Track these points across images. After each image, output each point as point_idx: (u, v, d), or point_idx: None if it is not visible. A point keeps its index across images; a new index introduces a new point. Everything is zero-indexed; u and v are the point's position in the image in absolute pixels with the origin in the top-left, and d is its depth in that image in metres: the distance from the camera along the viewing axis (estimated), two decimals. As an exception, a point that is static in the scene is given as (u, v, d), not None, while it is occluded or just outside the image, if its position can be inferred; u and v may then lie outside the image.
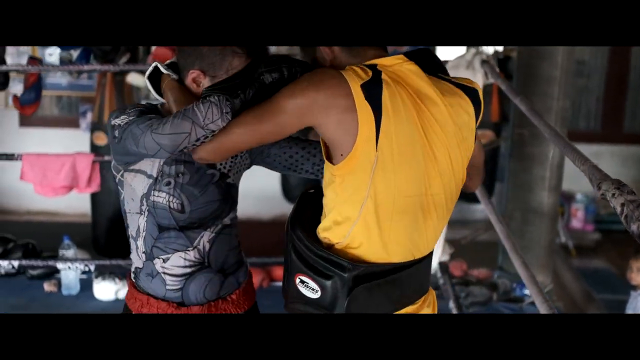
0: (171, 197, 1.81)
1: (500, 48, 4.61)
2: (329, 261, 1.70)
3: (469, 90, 1.80)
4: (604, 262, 6.69)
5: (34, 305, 3.95)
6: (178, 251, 1.84)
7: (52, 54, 4.23)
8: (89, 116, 7.41)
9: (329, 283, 1.70)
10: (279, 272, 4.26)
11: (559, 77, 3.96)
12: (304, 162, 1.95)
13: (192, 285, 1.88)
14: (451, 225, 2.67)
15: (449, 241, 4.14)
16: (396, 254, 1.74)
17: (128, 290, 1.96)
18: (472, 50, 3.75)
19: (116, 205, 5.38)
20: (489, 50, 4.11)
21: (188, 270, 1.87)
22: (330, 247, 1.75)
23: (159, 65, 1.85)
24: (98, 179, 3.83)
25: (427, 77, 1.73)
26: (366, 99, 1.62)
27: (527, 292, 4.07)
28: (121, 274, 4.00)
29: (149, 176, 1.82)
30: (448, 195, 1.77)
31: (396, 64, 1.73)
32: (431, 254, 1.85)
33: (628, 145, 7.18)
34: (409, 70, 1.72)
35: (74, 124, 7.42)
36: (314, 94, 1.64)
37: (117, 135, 1.75)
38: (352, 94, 1.63)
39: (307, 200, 1.88)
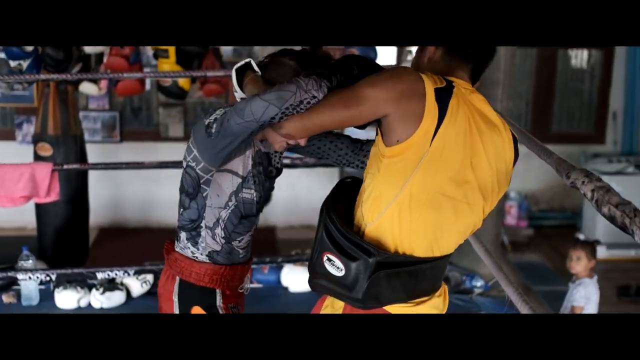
0: (256, 193, 2.18)
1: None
2: (357, 245, 1.85)
3: (513, 137, 2.05)
4: (537, 256, 7.01)
5: (-6, 316, 3.91)
6: (249, 232, 2.27)
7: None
8: (25, 127, 7.34)
9: (353, 264, 1.85)
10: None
11: (502, 80, 4.17)
12: (330, 153, 2.32)
13: (249, 249, 2.33)
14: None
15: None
16: (418, 247, 1.90)
17: (198, 269, 2.21)
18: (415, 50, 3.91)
19: (63, 214, 5.37)
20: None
21: (249, 241, 2.31)
22: (359, 232, 1.89)
23: (252, 62, 2.06)
24: (57, 187, 3.83)
25: (490, 108, 1.96)
26: (436, 101, 1.79)
27: (477, 284, 4.27)
28: (82, 282, 4.01)
29: (239, 176, 2.14)
30: (482, 213, 1.97)
31: (468, 88, 1.92)
32: (450, 255, 1.99)
33: (555, 144, 7.51)
34: (477, 97, 1.92)
35: (9, 135, 7.33)
36: (392, 86, 1.79)
37: (214, 129, 1.98)
38: (426, 93, 1.79)
39: (343, 187, 2.06)
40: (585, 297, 3.99)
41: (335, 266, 1.89)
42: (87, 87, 4.53)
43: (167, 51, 4.37)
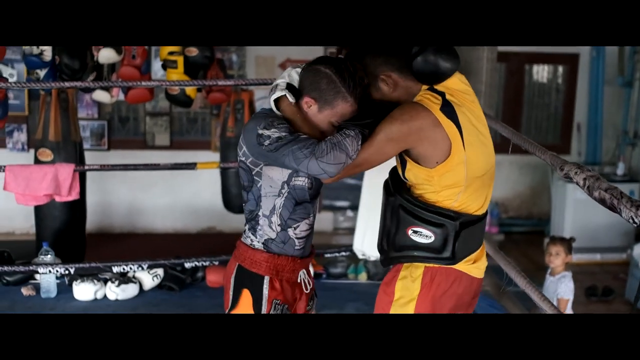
0: (306, 179, 2.37)
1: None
2: (440, 213, 2.34)
3: None
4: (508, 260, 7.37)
5: (17, 307, 4.14)
6: (305, 219, 2.45)
7: (13, 74, 4.47)
8: (16, 135, 7.53)
9: (439, 230, 2.34)
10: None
11: (484, 91, 4.52)
12: None
13: (307, 243, 2.51)
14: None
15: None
16: (479, 209, 2.41)
17: (252, 255, 2.43)
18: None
19: (62, 218, 5.57)
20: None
21: (308, 232, 2.49)
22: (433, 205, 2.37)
23: (287, 94, 2.33)
24: (78, 187, 4.08)
25: (466, 85, 2.43)
26: (448, 118, 2.25)
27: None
28: (98, 275, 4.27)
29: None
30: (494, 170, 2.46)
31: (454, 90, 2.36)
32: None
33: (524, 154, 7.90)
34: (463, 96, 2.38)
35: (0, 143, 7.51)
36: (407, 128, 2.24)
37: (266, 144, 2.22)
38: (438, 118, 2.24)
39: (394, 174, 2.48)
40: (571, 290, 4.25)
41: (423, 235, 2.37)
42: (100, 95, 4.79)
43: (175, 62, 4.66)
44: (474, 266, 2.46)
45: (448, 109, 2.28)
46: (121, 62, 4.56)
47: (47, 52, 4.42)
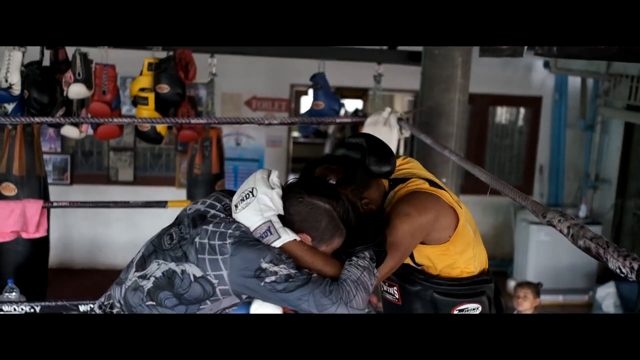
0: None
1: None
2: (476, 282, 2.31)
3: None
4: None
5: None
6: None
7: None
8: (-21, 168, 7.39)
9: (482, 297, 2.32)
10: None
11: (455, 133, 4.58)
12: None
13: None
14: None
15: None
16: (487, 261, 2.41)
17: None
18: (388, 109, 4.29)
19: (24, 253, 5.45)
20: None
21: None
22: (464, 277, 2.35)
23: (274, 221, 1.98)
24: (45, 224, 4.01)
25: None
26: (439, 189, 2.25)
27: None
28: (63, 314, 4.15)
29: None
30: None
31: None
32: None
33: (485, 196, 7.98)
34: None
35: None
36: (427, 219, 2.18)
37: (270, 281, 1.90)
38: (439, 196, 2.23)
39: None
40: None
41: (469, 310, 2.32)
42: (69, 131, 4.72)
43: (146, 99, 4.61)
44: None
45: (432, 183, 2.27)
46: (91, 98, 4.51)
47: (16, 86, 4.36)
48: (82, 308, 3.96)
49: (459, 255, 2.28)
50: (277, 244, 1.96)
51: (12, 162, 5.26)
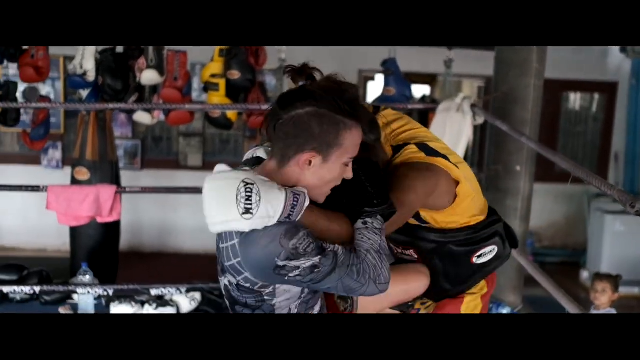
0: None
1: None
2: (486, 225, 2.32)
3: None
4: (541, 291, 7.24)
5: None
6: (320, 299, 2.09)
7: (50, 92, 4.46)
8: (51, 152, 7.56)
9: (497, 238, 2.34)
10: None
11: (530, 119, 4.46)
12: None
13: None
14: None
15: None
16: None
17: None
18: (461, 94, 4.21)
19: (97, 237, 5.55)
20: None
21: (321, 306, 2.14)
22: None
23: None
24: (119, 208, 4.06)
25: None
26: (434, 156, 2.16)
27: (503, 311, 4.52)
28: (135, 297, 4.24)
29: None
30: None
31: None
32: None
33: (559, 184, 7.81)
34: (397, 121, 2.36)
35: (35, 160, 7.55)
36: (429, 188, 2.12)
37: (294, 275, 1.78)
38: (438, 165, 2.15)
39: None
40: None
41: (487, 254, 2.32)
42: (142, 117, 4.78)
43: (217, 85, 4.63)
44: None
45: (427, 150, 2.18)
46: (163, 84, 4.55)
47: (91, 72, 4.42)
48: (153, 292, 4.01)
49: (459, 216, 2.26)
50: (308, 202, 1.79)
51: (86, 147, 5.38)
